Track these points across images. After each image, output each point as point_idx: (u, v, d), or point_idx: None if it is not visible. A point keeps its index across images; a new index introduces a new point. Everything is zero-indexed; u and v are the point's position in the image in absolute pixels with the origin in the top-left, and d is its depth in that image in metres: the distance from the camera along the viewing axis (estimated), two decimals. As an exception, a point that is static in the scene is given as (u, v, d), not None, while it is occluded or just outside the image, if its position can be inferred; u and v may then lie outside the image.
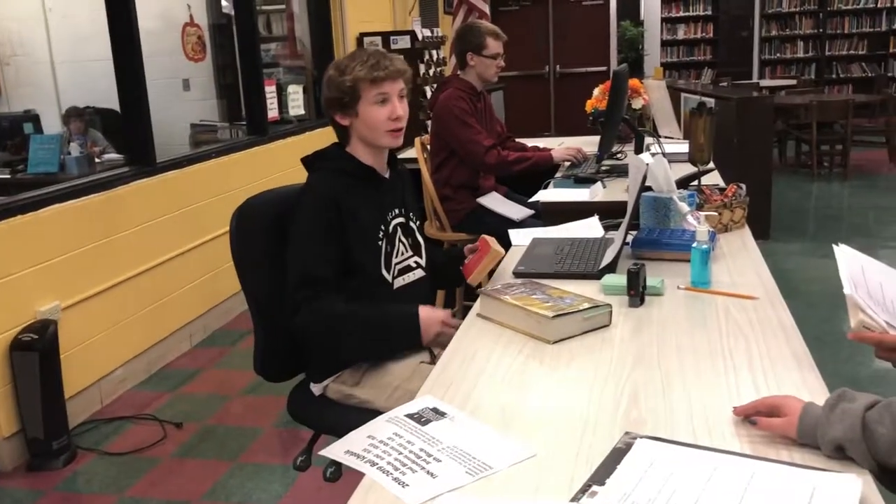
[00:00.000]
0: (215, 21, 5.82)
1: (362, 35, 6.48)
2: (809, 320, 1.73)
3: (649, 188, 2.36)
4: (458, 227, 3.61)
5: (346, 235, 1.91)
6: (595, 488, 1.08)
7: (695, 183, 2.61)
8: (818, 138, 7.74)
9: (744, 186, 2.49)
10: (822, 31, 11.48)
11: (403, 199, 2.10)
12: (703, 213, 2.25)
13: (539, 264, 2.14)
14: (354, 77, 1.92)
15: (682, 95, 4.70)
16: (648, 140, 3.77)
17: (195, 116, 5.66)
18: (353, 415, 1.92)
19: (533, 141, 4.15)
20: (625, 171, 3.25)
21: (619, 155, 3.80)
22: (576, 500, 1.06)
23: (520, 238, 2.44)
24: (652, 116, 4.46)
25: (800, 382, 1.38)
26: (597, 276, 2.00)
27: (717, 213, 2.34)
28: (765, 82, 10.65)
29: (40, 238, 3.20)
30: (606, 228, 2.47)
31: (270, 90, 5.28)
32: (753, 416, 1.21)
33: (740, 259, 2.15)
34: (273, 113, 5.30)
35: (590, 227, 2.52)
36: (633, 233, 2.26)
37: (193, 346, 4.20)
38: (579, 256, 2.16)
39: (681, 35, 11.88)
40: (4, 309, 3.00)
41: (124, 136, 4.04)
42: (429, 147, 3.74)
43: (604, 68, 11.11)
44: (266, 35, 6.25)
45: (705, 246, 1.90)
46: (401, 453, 1.21)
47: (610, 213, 2.58)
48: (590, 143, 3.89)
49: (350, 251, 1.92)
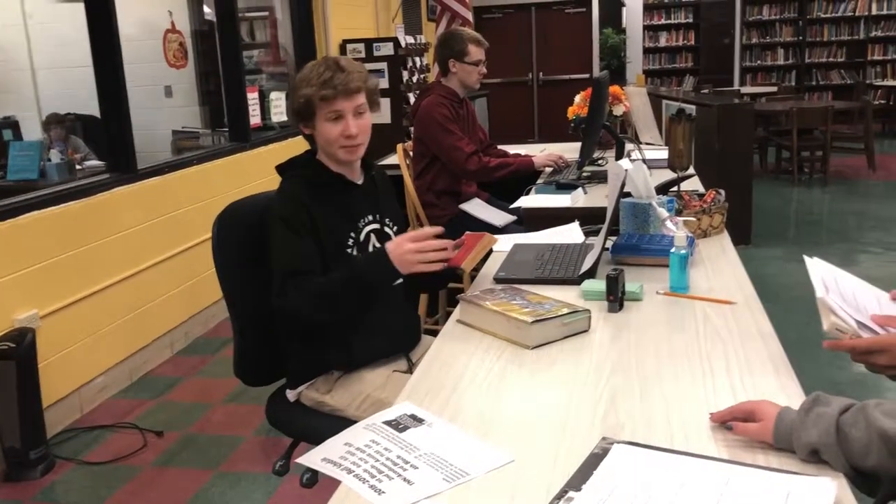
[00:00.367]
0: (197, 27, 5.80)
1: (345, 42, 6.48)
2: (789, 325, 1.74)
3: (629, 194, 2.37)
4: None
5: (318, 240, 1.89)
6: (571, 494, 1.08)
7: (674, 189, 2.62)
8: (798, 144, 7.81)
9: (723, 192, 2.51)
10: (801, 38, 11.60)
11: (378, 205, 2.05)
12: (682, 218, 2.27)
13: (520, 270, 2.14)
14: (306, 93, 1.87)
15: (664, 102, 4.74)
16: (629, 146, 3.78)
17: (177, 123, 5.63)
18: (327, 422, 1.92)
19: (516, 147, 4.16)
20: (605, 177, 3.26)
21: (600, 161, 3.82)
22: (552, 505, 1.06)
23: (501, 244, 2.44)
24: (633, 123, 4.49)
25: (777, 387, 1.39)
26: (577, 281, 2.00)
27: (696, 218, 2.36)
28: (746, 89, 10.75)
29: (19, 245, 3.17)
30: (587, 234, 2.48)
31: (253, 97, 5.27)
32: (730, 421, 1.22)
33: (719, 264, 2.16)
34: (255, 119, 5.29)
35: (571, 233, 2.53)
36: (613, 238, 2.26)
37: (175, 354, 4.17)
38: (560, 262, 2.17)
39: (662, 42, 11.96)
40: (-18, 317, 2.98)
41: (105, 143, 4.02)
42: (411, 153, 3.74)
43: (586, 75, 11.16)
44: (249, 41, 6.23)
45: (683, 251, 1.91)
46: (377, 460, 1.21)
47: (591, 218, 2.60)
48: (571, 150, 3.90)
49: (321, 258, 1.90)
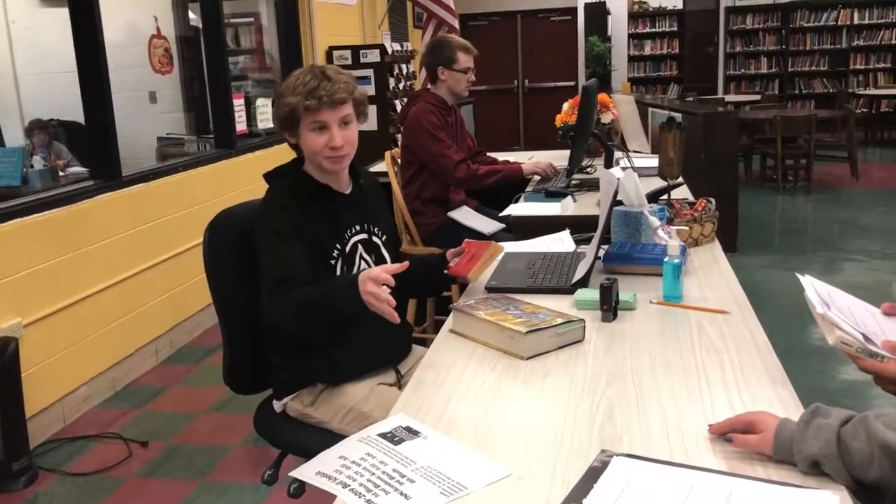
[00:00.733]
0: (183, 33, 5.76)
1: (332, 48, 6.47)
2: (778, 332, 1.73)
3: (620, 202, 2.37)
4: (429, 242, 3.59)
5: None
6: (572, 508, 1.06)
7: (664, 197, 2.62)
8: (782, 153, 7.87)
9: (713, 201, 2.51)
10: (784, 47, 11.71)
11: (367, 215, 2.01)
12: (674, 227, 2.26)
13: (511, 279, 2.13)
14: (289, 102, 1.83)
15: (650, 110, 4.74)
16: (618, 154, 3.79)
17: (162, 129, 5.59)
18: (314, 434, 1.90)
19: (503, 155, 4.15)
20: (595, 185, 3.26)
21: (588, 169, 3.81)
22: (552, 520, 1.04)
23: (491, 252, 2.43)
24: (620, 131, 4.49)
25: (774, 398, 1.38)
26: (569, 290, 1.99)
27: (688, 227, 2.35)
28: (730, 97, 10.82)
29: (1, 253, 3.12)
30: (578, 242, 2.47)
31: (238, 103, 5.24)
32: (729, 433, 1.21)
33: (711, 273, 2.16)
34: (241, 126, 5.26)
35: (561, 242, 2.52)
36: (605, 247, 2.26)
37: (160, 363, 4.12)
38: (551, 271, 2.15)
39: (647, 51, 12.03)
40: (-37, 326, 2.93)
41: (89, 150, 3.97)
42: (399, 160, 3.72)
43: (572, 83, 11.23)
44: (234, 48, 6.20)
45: (677, 260, 1.90)
46: (373, 474, 1.19)
47: (581, 226, 2.59)
48: (559, 158, 3.90)
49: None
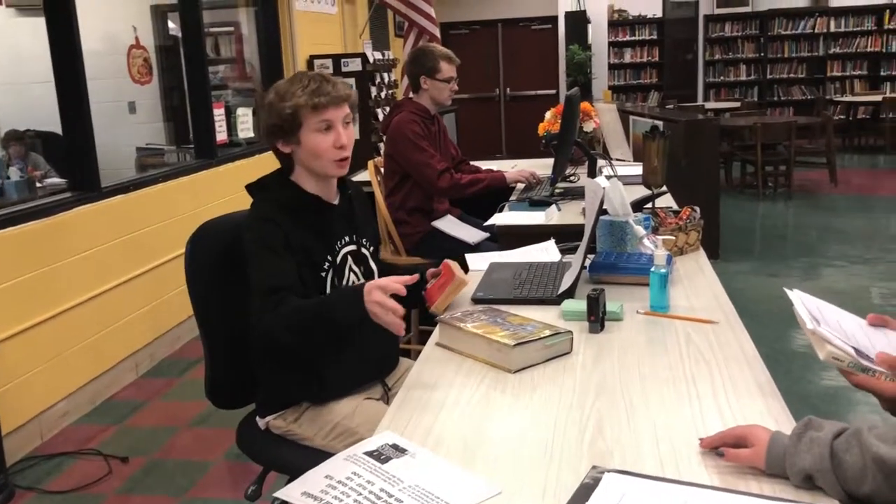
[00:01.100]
0: (162, 43, 5.72)
1: (312, 57, 6.44)
2: (760, 339, 1.73)
3: (605, 212, 2.36)
4: (413, 251, 3.57)
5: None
6: (564, 527, 1.04)
7: (649, 206, 2.62)
8: (762, 159, 7.92)
9: (697, 209, 2.50)
10: (763, 55, 11.80)
11: (355, 225, 1.99)
12: (660, 236, 2.25)
13: (498, 290, 2.11)
14: (295, 104, 1.80)
15: (631, 118, 4.75)
16: (601, 163, 3.79)
17: (141, 140, 5.53)
18: (297, 452, 1.86)
19: (486, 164, 4.14)
20: (579, 194, 3.25)
21: (572, 178, 3.81)
22: (544, 539, 1.02)
23: (477, 263, 2.41)
24: (603, 139, 4.50)
25: (764, 410, 1.37)
26: (556, 301, 1.98)
27: (674, 236, 2.35)
28: (710, 105, 10.89)
29: (-24, 267, 3.07)
30: (563, 252, 2.45)
31: (219, 113, 5.20)
32: (720, 447, 1.19)
33: (697, 282, 2.15)
34: (222, 136, 5.21)
35: (546, 251, 2.50)
36: (591, 256, 2.24)
37: (140, 377, 4.06)
38: (538, 281, 2.14)
39: (627, 59, 12.09)
40: (-63, 342, 2.87)
41: (67, 161, 3.92)
42: (382, 170, 3.70)
43: (553, 91, 11.26)
44: (214, 57, 6.16)
45: (663, 270, 1.89)
46: (360, 494, 1.16)
47: (565, 235, 2.57)
48: (542, 166, 3.90)
49: None
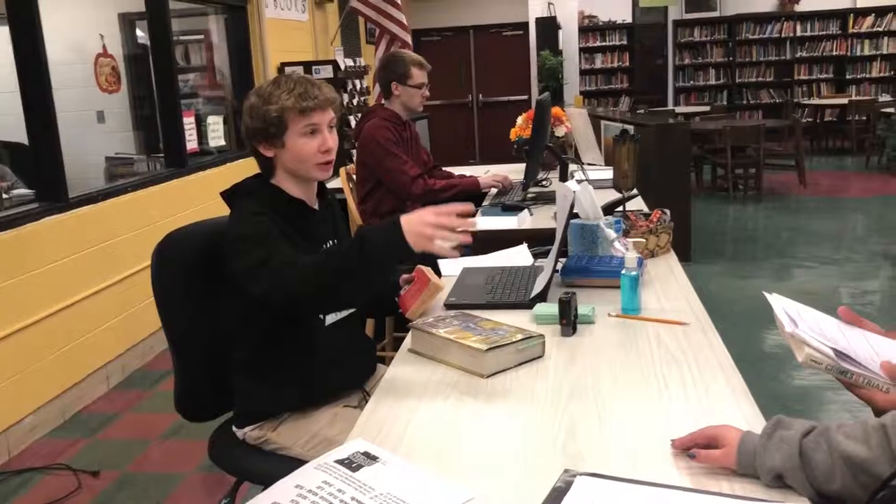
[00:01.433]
0: (131, 51, 5.67)
1: (283, 65, 6.41)
2: (731, 340, 1.73)
3: (576, 215, 2.36)
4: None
5: None
6: (536, 531, 1.03)
7: (620, 209, 2.63)
8: (732, 162, 8.01)
9: (668, 212, 2.52)
10: (732, 59, 11.95)
11: (336, 231, 1.99)
12: (632, 239, 2.26)
13: (470, 295, 2.11)
14: (281, 106, 1.78)
15: (602, 123, 4.78)
16: (572, 167, 3.80)
17: (110, 149, 5.47)
18: (274, 462, 1.84)
19: (459, 169, 4.14)
20: (551, 199, 3.26)
21: (544, 182, 3.82)
22: (517, 545, 1.01)
23: (450, 268, 2.41)
24: (574, 144, 4.52)
25: (735, 410, 1.37)
26: (528, 305, 1.98)
27: (644, 238, 2.36)
28: (680, 109, 11.01)
29: (-60, 280, 3.01)
30: (535, 256, 2.46)
31: (189, 121, 5.15)
32: (692, 448, 1.20)
33: (668, 284, 2.16)
34: (192, 144, 5.17)
35: (519, 256, 2.50)
36: (562, 260, 2.25)
37: (111, 389, 4.01)
38: (510, 286, 2.14)
39: (598, 64, 12.18)
40: None
41: (34, 171, 3.86)
42: (354, 177, 3.69)
43: (525, 97, 11.31)
44: (185, 65, 6.11)
45: (634, 272, 1.90)
46: (331, 503, 1.15)
47: (537, 240, 2.58)
48: (515, 171, 3.91)
49: None
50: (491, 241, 2.73)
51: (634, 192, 3.11)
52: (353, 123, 6.38)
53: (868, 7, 11.39)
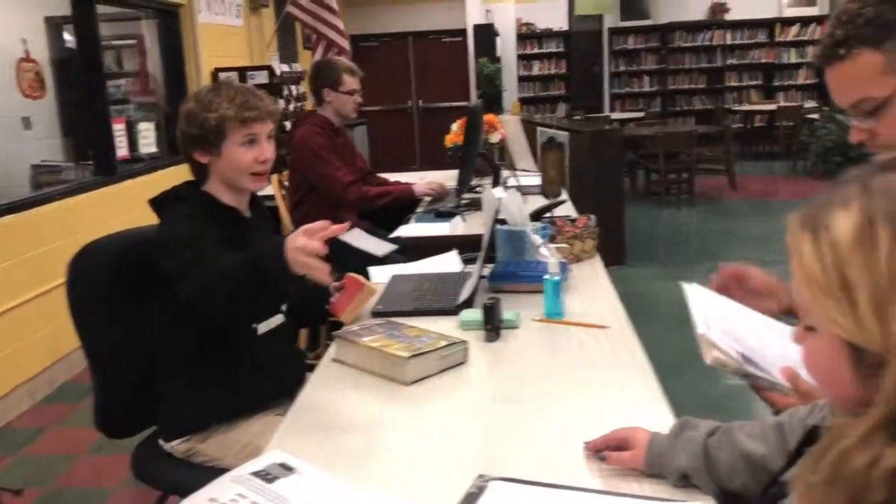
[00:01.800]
0: (56, 56, 5.50)
1: (217, 70, 6.32)
2: (664, 343, 1.78)
3: (504, 221, 2.39)
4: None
5: None
6: (449, 537, 1.04)
7: (548, 215, 2.67)
8: (665, 167, 8.19)
9: (594, 217, 2.57)
10: (665, 66, 12.21)
11: (267, 238, 1.96)
12: (555, 244, 2.30)
13: (398, 302, 2.11)
14: (221, 115, 1.76)
15: (538, 129, 4.84)
16: (505, 174, 3.84)
17: (37, 156, 5.31)
18: (201, 474, 1.80)
19: (398, 175, 4.15)
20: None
21: (478, 189, 3.85)
22: (429, 551, 1.02)
23: (380, 275, 2.41)
24: (509, 150, 4.56)
25: (650, 412, 1.41)
26: (455, 311, 1.99)
27: (569, 244, 2.40)
28: (615, 115, 11.20)
29: None
30: (465, 262, 2.48)
31: (119, 128, 5.05)
32: (604, 450, 1.22)
33: (592, 288, 2.20)
34: (123, 151, 5.06)
35: (449, 262, 2.52)
36: (491, 266, 2.27)
37: (37, 403, 3.88)
38: (439, 292, 2.15)
39: (536, 71, 12.31)
40: None
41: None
42: (287, 184, 3.66)
43: (465, 103, 11.36)
44: (117, 70, 5.98)
45: (556, 277, 1.93)
46: (246, 515, 1.14)
47: (470, 246, 2.59)
48: (452, 178, 3.92)
49: None
50: (424, 248, 2.74)
51: (563, 197, 3.15)
52: (289, 129, 6.33)
53: (794, 17, 11.78)
